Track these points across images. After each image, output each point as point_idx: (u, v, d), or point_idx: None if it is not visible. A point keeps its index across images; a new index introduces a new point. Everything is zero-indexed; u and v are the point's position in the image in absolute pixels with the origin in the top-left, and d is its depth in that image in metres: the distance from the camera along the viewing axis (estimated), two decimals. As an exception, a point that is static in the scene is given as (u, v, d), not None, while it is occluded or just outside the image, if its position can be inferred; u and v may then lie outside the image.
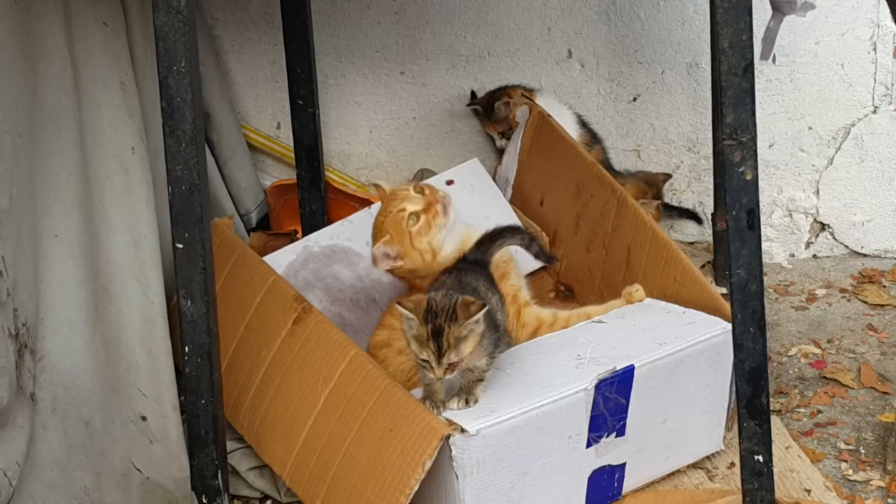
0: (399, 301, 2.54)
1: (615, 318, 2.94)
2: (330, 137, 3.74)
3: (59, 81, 2.87)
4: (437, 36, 3.65)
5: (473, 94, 3.64)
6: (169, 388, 2.90)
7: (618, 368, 2.69)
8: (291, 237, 3.61)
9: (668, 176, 3.63)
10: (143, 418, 2.87)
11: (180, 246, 2.59)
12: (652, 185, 3.62)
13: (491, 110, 3.54)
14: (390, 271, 3.00)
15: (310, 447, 2.75)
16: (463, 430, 2.57)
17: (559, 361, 2.77)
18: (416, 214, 2.96)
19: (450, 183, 3.45)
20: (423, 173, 3.68)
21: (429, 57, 3.67)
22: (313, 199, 3.59)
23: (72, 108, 2.89)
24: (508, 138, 3.52)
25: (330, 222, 3.60)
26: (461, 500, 2.62)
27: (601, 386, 2.68)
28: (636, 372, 2.71)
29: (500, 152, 3.61)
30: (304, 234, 3.58)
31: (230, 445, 2.88)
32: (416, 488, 2.55)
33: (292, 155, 3.61)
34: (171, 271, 2.78)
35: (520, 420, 2.61)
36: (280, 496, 2.90)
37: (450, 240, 2.99)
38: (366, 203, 3.64)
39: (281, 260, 3.24)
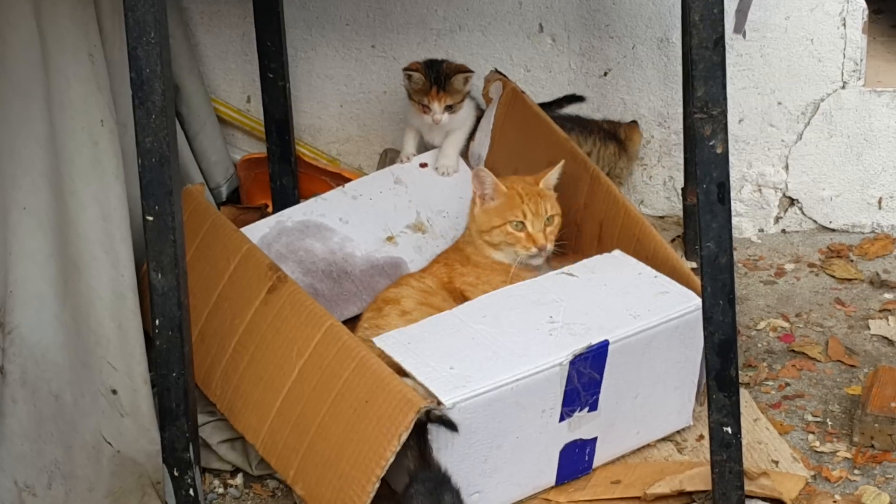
0: None
1: (586, 272, 2.93)
2: (300, 111, 3.72)
3: (26, 53, 2.85)
4: (408, 9, 3.64)
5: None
6: (139, 361, 2.89)
7: (592, 344, 2.70)
8: (262, 211, 3.61)
9: (632, 122, 3.61)
10: (114, 392, 2.86)
11: (150, 218, 2.58)
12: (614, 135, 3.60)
13: (444, 79, 3.40)
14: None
15: (284, 417, 2.75)
16: (439, 403, 2.57)
17: (532, 322, 2.77)
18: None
19: (423, 166, 3.46)
20: (388, 153, 3.68)
21: (399, 31, 3.66)
22: (284, 173, 3.58)
23: (40, 81, 2.87)
24: (454, 113, 3.42)
25: (301, 196, 3.60)
26: (435, 473, 2.63)
27: (576, 361, 2.68)
28: (610, 347, 2.72)
29: (428, 131, 3.48)
30: (275, 207, 3.57)
31: (201, 419, 2.88)
32: (391, 460, 2.55)
33: (262, 128, 3.60)
34: (140, 244, 2.77)
35: (495, 394, 2.61)
36: (251, 469, 2.90)
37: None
38: (337, 177, 3.64)
39: (254, 234, 3.23)
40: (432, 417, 2.56)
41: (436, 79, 3.37)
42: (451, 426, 2.57)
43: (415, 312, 2.94)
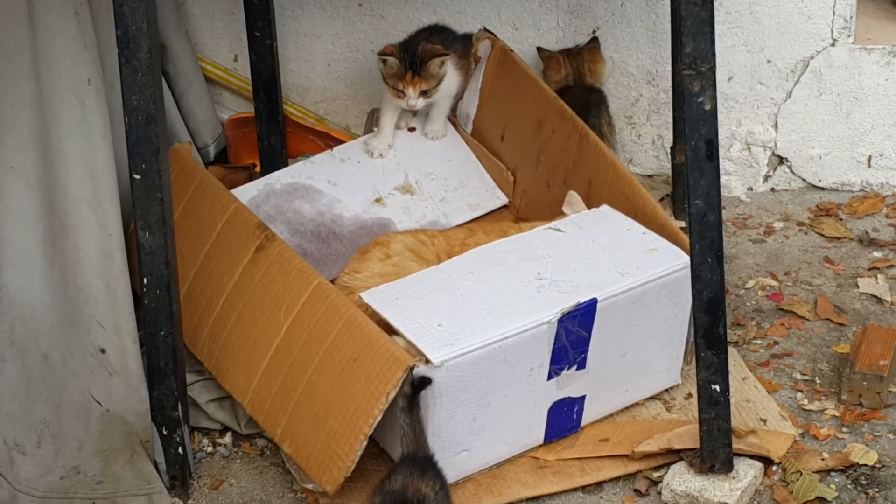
0: None
1: (574, 228, 2.93)
2: (288, 70, 3.70)
3: (13, 11, 2.84)
4: (396, -33, 3.63)
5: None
6: (128, 320, 2.89)
7: (581, 302, 2.70)
8: (249, 171, 3.60)
9: (592, 44, 3.57)
10: (103, 351, 2.86)
11: (137, 177, 2.57)
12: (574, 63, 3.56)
13: (419, 64, 3.34)
14: None
15: (272, 375, 2.75)
16: (427, 362, 2.57)
17: (519, 279, 2.77)
18: None
19: (411, 130, 3.44)
20: (375, 113, 3.66)
21: (387, -12, 3.65)
22: (271, 132, 3.56)
23: (26, 39, 2.86)
24: (429, 97, 3.37)
25: (288, 156, 3.59)
26: (423, 431, 2.63)
27: (564, 319, 2.68)
28: (599, 305, 2.72)
29: (409, 113, 3.46)
30: (263, 167, 3.56)
31: (189, 378, 2.88)
32: (379, 418, 2.56)
33: (250, 88, 3.59)
34: (127, 203, 2.77)
35: (484, 352, 2.62)
36: (240, 428, 2.90)
37: None
38: (324, 137, 3.63)
39: (242, 196, 3.22)
40: (414, 380, 2.56)
41: (411, 63, 3.32)
42: (425, 382, 2.57)
43: (396, 257, 2.96)
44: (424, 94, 3.34)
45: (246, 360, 2.81)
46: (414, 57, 3.32)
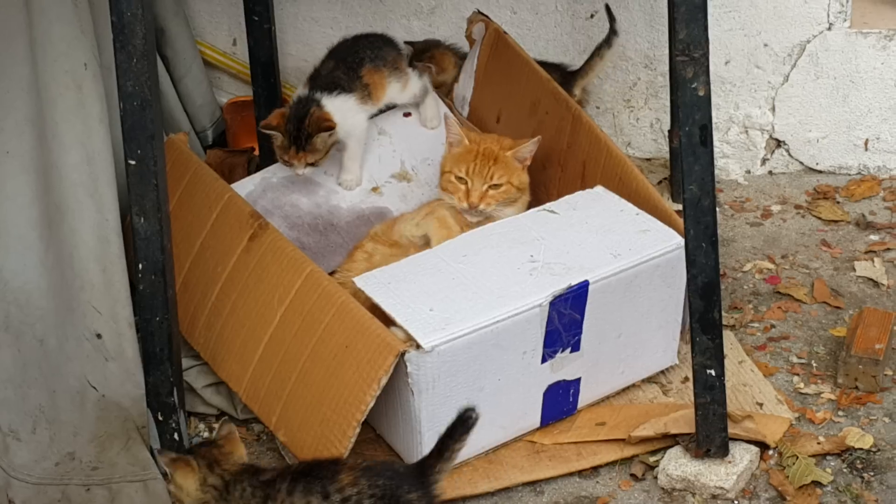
0: None
1: (567, 209, 2.94)
2: (286, 54, 3.70)
3: (8, -6, 2.84)
4: (394, -50, 3.62)
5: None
6: (124, 305, 2.89)
7: (572, 284, 2.70)
8: (248, 154, 3.59)
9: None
10: (99, 336, 2.86)
11: (133, 162, 2.58)
12: None
13: (305, 139, 3.13)
14: None
15: (266, 364, 2.76)
16: (418, 347, 2.58)
17: (512, 262, 2.77)
18: None
19: (407, 115, 3.43)
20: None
21: (385, -28, 3.64)
22: (270, 116, 3.56)
23: (22, 22, 2.85)
24: (317, 166, 3.19)
25: (287, 140, 3.58)
26: (417, 417, 2.63)
27: (556, 302, 2.69)
28: (591, 287, 2.72)
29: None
30: (261, 151, 3.56)
31: (186, 363, 2.88)
32: (371, 405, 2.57)
33: (248, 72, 3.58)
34: (125, 189, 2.77)
35: (475, 336, 2.62)
36: (237, 413, 2.91)
37: None
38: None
39: (240, 190, 3.19)
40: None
41: (296, 138, 3.14)
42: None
43: (376, 256, 2.97)
44: (312, 164, 3.19)
45: (241, 349, 2.82)
46: (300, 131, 3.14)
